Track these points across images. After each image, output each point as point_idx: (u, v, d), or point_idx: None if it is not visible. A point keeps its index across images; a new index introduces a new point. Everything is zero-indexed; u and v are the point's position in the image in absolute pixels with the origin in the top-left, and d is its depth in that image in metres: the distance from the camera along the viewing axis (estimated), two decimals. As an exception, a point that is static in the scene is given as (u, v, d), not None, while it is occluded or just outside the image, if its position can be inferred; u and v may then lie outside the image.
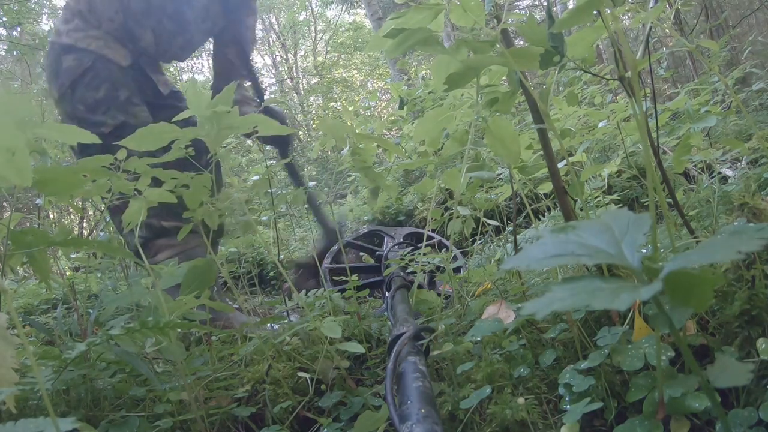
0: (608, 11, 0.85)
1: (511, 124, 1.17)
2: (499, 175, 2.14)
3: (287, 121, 2.32)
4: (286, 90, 17.28)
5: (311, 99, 15.74)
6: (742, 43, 5.27)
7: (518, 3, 11.57)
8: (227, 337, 1.44)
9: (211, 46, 2.41)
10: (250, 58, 2.35)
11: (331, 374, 1.12)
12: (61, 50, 1.92)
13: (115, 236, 1.98)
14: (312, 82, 17.62)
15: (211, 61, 2.41)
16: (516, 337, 1.00)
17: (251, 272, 2.65)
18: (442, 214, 1.79)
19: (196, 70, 17.24)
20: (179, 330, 1.09)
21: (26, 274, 3.50)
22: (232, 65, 2.30)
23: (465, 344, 1.02)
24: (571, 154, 1.81)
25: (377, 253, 2.68)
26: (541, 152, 1.09)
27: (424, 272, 1.72)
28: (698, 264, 0.42)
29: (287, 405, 1.05)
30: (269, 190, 1.53)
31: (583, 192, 1.19)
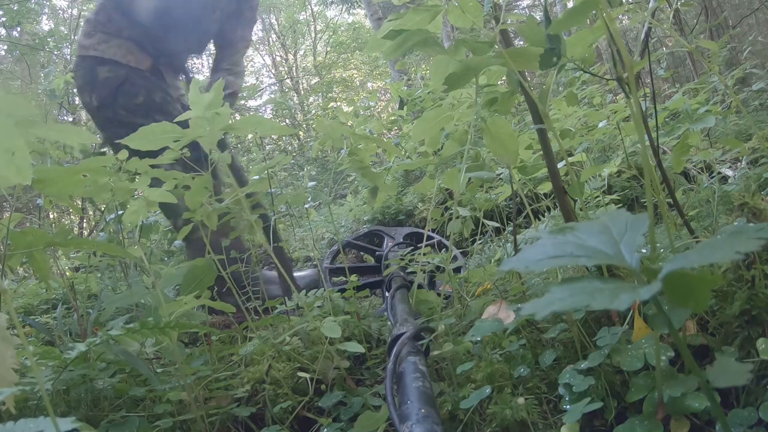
0: (606, 12, 0.85)
1: (509, 125, 1.17)
2: (499, 175, 2.14)
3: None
4: (286, 90, 17.27)
5: (311, 99, 15.72)
6: (742, 43, 5.26)
7: (518, 3, 11.54)
8: (227, 337, 1.44)
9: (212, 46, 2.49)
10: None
11: (331, 374, 1.12)
12: (94, 63, 2.03)
13: (114, 237, 1.98)
14: (312, 82, 17.60)
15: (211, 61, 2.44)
16: (516, 337, 1.00)
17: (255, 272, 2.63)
18: (442, 214, 1.79)
19: (195, 70, 17.23)
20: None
21: (26, 274, 3.50)
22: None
23: (465, 344, 1.02)
24: (570, 154, 1.81)
25: (377, 253, 2.68)
26: (541, 152, 1.09)
27: (424, 272, 1.72)
28: (697, 264, 0.42)
29: (287, 405, 1.06)
30: (269, 191, 1.53)
31: (583, 192, 1.19)
